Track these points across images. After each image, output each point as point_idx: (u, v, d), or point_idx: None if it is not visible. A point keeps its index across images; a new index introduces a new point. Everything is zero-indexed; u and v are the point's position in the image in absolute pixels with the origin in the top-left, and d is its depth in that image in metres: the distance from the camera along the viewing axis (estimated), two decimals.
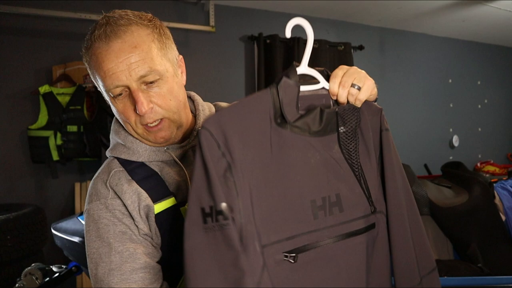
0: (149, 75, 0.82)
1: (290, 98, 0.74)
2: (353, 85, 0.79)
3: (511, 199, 2.07)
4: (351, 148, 0.79)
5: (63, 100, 2.68)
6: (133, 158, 0.91)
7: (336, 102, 0.81)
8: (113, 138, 0.98)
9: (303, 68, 0.79)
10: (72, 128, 2.66)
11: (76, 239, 1.69)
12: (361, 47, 3.88)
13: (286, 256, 0.71)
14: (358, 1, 3.35)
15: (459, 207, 2.00)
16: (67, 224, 1.78)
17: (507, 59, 5.00)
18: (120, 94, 0.84)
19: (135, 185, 0.87)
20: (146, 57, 0.82)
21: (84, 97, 2.72)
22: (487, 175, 4.00)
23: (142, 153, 0.91)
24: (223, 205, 0.66)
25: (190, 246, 0.67)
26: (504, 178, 2.34)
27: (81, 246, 1.66)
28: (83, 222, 1.75)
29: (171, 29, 0.98)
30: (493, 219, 2.01)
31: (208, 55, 3.25)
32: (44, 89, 2.63)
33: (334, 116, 0.77)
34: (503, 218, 2.03)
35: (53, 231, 1.81)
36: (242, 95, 3.43)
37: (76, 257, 1.71)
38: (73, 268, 1.79)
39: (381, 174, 0.83)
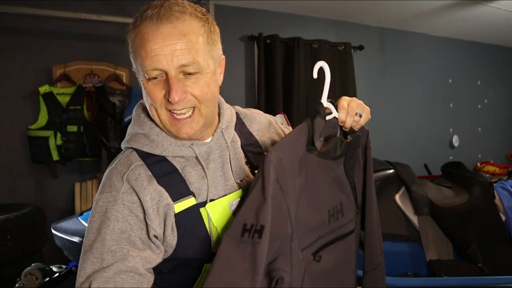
0: (189, 66, 0.82)
1: (319, 129, 0.92)
2: (356, 113, 0.96)
3: (511, 199, 2.07)
4: (349, 166, 0.99)
5: (63, 100, 2.68)
6: (156, 152, 0.88)
7: (341, 127, 0.99)
8: (133, 128, 0.94)
9: (323, 102, 0.96)
10: (72, 128, 2.66)
11: (76, 239, 1.69)
12: (361, 47, 3.88)
13: (314, 257, 0.87)
14: (358, 1, 3.35)
15: (459, 207, 2.00)
16: (67, 224, 1.78)
17: (507, 59, 5.00)
18: (155, 78, 0.83)
19: (155, 183, 0.85)
20: (191, 47, 0.81)
21: (84, 97, 2.72)
22: (487, 175, 4.00)
23: (166, 147, 0.89)
24: (263, 225, 0.75)
25: (221, 251, 0.74)
26: (504, 178, 2.34)
27: (81, 246, 1.66)
28: (83, 222, 1.76)
29: None
30: (493, 219, 2.01)
31: None
32: (44, 89, 2.63)
33: (349, 144, 0.97)
34: (503, 218, 2.03)
35: (53, 231, 1.81)
36: (242, 95, 3.43)
37: (76, 257, 1.71)
38: (73, 268, 1.79)
39: (363, 182, 1.06)
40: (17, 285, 1.69)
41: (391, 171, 2.09)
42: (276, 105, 3.33)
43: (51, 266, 1.80)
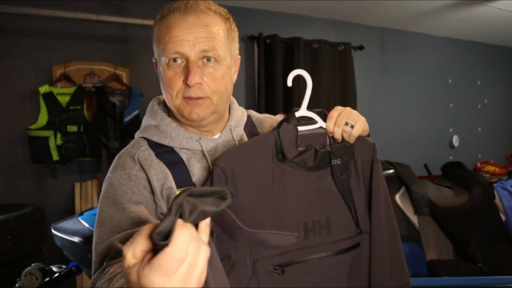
0: (210, 52, 0.88)
1: (290, 139, 0.88)
2: (347, 123, 0.90)
3: (511, 199, 2.07)
4: (343, 179, 0.92)
5: (63, 100, 2.68)
6: (164, 142, 0.94)
7: (333, 138, 0.93)
8: (146, 120, 1.01)
9: (303, 111, 0.92)
10: (72, 128, 2.66)
11: (76, 239, 1.69)
12: (361, 47, 3.88)
13: (276, 269, 0.85)
14: (358, 1, 3.35)
15: (459, 207, 2.00)
16: (67, 224, 1.78)
17: (507, 59, 5.00)
18: (175, 61, 0.88)
19: (163, 165, 0.90)
20: (213, 37, 0.88)
21: (84, 97, 2.72)
22: (487, 175, 4.00)
23: (174, 138, 0.94)
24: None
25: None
26: (504, 178, 2.34)
27: (81, 246, 1.66)
28: (83, 222, 1.75)
29: None
30: (493, 219, 2.01)
31: None
32: (44, 89, 2.63)
33: (327, 154, 0.91)
34: (503, 218, 2.03)
35: (53, 231, 1.81)
36: (242, 94, 3.43)
37: (76, 257, 1.71)
38: (73, 268, 1.79)
39: (369, 199, 0.97)
40: (17, 285, 1.69)
41: (391, 171, 2.09)
42: (276, 105, 3.32)
43: (51, 266, 1.80)
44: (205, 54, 0.87)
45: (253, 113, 1.12)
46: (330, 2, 3.36)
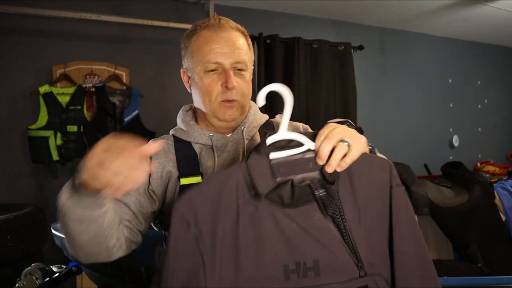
0: (241, 63, 1.05)
1: (262, 170, 0.78)
2: (343, 140, 0.80)
3: (511, 199, 2.07)
4: (335, 213, 0.79)
5: (63, 100, 2.68)
6: (183, 137, 1.10)
7: (321, 167, 0.80)
8: (178, 124, 1.17)
9: (282, 134, 0.81)
10: (72, 128, 2.66)
11: None
12: (361, 47, 3.88)
13: None
14: (358, 1, 3.35)
15: (459, 207, 2.00)
16: None
17: (507, 59, 5.00)
18: (212, 70, 1.04)
19: (172, 155, 1.07)
20: (241, 50, 1.06)
21: (84, 97, 2.72)
22: (487, 175, 4.00)
23: (191, 133, 1.10)
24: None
25: None
26: (504, 178, 2.34)
27: None
28: None
29: (171, 29, 1.00)
30: (493, 219, 2.01)
31: None
32: (44, 89, 2.63)
33: (307, 188, 0.79)
34: (503, 218, 2.03)
35: (53, 231, 1.81)
36: None
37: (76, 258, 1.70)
38: (73, 268, 1.79)
39: (390, 235, 0.81)
40: (17, 285, 1.69)
41: None
42: (276, 105, 3.33)
43: (51, 266, 1.79)
44: (237, 65, 1.05)
45: (277, 120, 1.20)
46: (330, 2, 3.35)
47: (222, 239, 0.77)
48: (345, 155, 0.79)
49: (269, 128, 1.16)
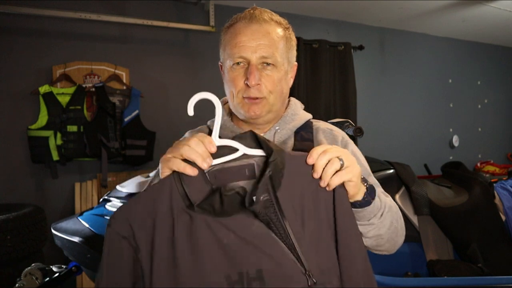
0: (269, 58, 0.98)
1: (195, 179, 0.77)
2: (340, 158, 0.79)
3: (511, 199, 2.07)
4: (275, 220, 0.76)
5: (63, 100, 2.68)
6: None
7: (263, 172, 0.78)
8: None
9: (215, 141, 0.80)
10: (72, 128, 2.66)
11: (76, 239, 1.69)
12: (361, 47, 3.88)
13: None
14: (358, 1, 3.35)
15: (459, 207, 2.00)
16: (67, 224, 1.78)
17: (507, 59, 5.00)
18: (238, 64, 0.99)
19: None
20: (273, 44, 0.99)
21: (84, 97, 2.72)
22: (487, 175, 4.00)
23: (223, 128, 1.07)
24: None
25: None
26: (504, 178, 2.34)
27: (81, 246, 1.66)
28: (84, 222, 1.75)
29: (171, 29, 1.00)
30: (493, 219, 2.01)
31: (208, 55, 3.25)
32: (44, 89, 2.63)
33: (236, 196, 0.76)
34: (503, 218, 2.03)
35: (53, 231, 1.81)
36: None
37: (76, 257, 1.71)
38: (73, 268, 1.79)
39: (336, 239, 0.80)
40: (17, 285, 1.69)
41: (391, 171, 2.09)
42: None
43: (51, 266, 1.80)
44: (265, 60, 0.98)
45: (319, 123, 1.12)
46: (330, 2, 3.35)
47: (159, 252, 0.74)
48: (336, 172, 0.78)
49: (308, 131, 1.08)
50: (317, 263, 0.76)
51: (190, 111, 0.80)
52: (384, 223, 0.93)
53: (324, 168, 0.78)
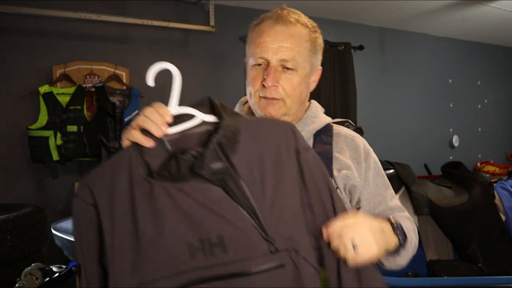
0: (289, 62, 0.97)
1: (154, 148, 0.77)
2: (354, 245, 0.77)
3: (511, 199, 2.07)
4: (232, 186, 0.75)
5: (63, 100, 2.68)
6: None
7: (213, 132, 0.78)
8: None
9: (173, 109, 0.81)
10: (72, 128, 2.66)
11: None
12: (361, 47, 3.88)
13: None
14: (358, 1, 3.35)
15: (459, 207, 2.00)
16: (67, 224, 1.78)
17: (507, 59, 5.00)
18: (259, 64, 1.00)
19: None
20: (295, 48, 0.98)
21: (84, 97, 2.72)
22: (487, 175, 4.00)
23: None
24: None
25: None
26: (504, 178, 2.34)
27: None
28: None
29: (171, 29, 1.00)
30: (493, 219, 2.01)
31: (208, 55, 3.25)
32: (44, 89, 2.63)
33: (192, 160, 0.76)
34: (503, 218, 2.03)
35: (53, 231, 1.81)
36: (242, 95, 3.42)
37: (76, 257, 1.71)
38: (73, 268, 1.79)
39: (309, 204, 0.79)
40: (17, 285, 1.69)
41: (391, 171, 2.09)
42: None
43: (51, 266, 1.80)
44: (284, 63, 0.97)
45: (339, 127, 1.12)
46: (330, 2, 3.35)
47: (119, 222, 0.75)
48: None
49: (328, 134, 1.07)
50: (280, 229, 0.75)
51: (150, 82, 0.83)
52: (408, 254, 0.97)
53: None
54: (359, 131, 1.37)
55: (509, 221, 2.01)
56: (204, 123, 0.80)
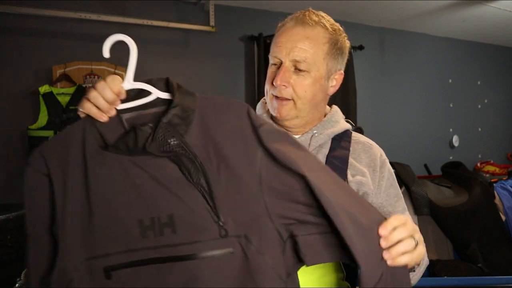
0: (301, 63, 0.98)
1: (111, 120, 0.76)
2: (413, 237, 0.72)
3: (511, 199, 2.07)
4: (187, 165, 0.71)
5: (63, 100, 2.68)
6: None
7: (165, 110, 0.75)
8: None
9: (128, 84, 0.79)
10: None
11: None
12: (361, 47, 3.88)
13: (106, 271, 0.72)
14: (358, 1, 3.35)
15: (459, 207, 2.00)
16: None
17: (507, 59, 5.00)
18: (274, 64, 1.02)
19: None
20: (309, 49, 0.98)
21: None
22: (487, 175, 4.00)
23: None
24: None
25: None
26: (504, 178, 2.34)
27: None
28: None
29: (171, 29, 1.00)
30: (493, 219, 2.01)
31: (208, 55, 3.25)
32: (44, 89, 2.63)
33: (149, 133, 0.72)
34: (503, 218, 2.03)
35: None
36: (242, 95, 3.43)
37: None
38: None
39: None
40: (17, 285, 1.69)
41: None
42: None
43: None
44: (297, 64, 0.98)
45: (358, 135, 1.13)
46: (330, 2, 3.35)
47: (72, 194, 0.73)
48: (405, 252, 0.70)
49: (346, 140, 1.07)
50: (233, 214, 0.71)
51: (106, 54, 0.82)
52: (420, 274, 0.99)
53: (395, 245, 0.69)
54: (359, 131, 1.37)
55: (509, 221, 2.01)
56: (160, 101, 0.78)
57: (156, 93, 0.78)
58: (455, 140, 4.56)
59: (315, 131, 1.06)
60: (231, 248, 0.70)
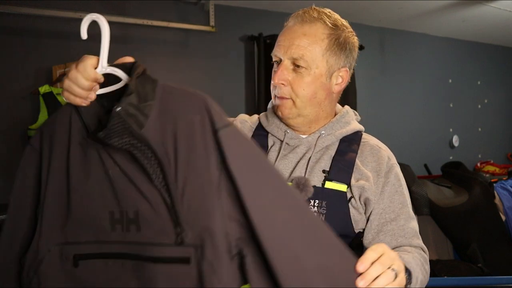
0: (299, 60, 0.97)
1: (91, 107, 0.74)
2: (392, 268, 0.70)
3: (511, 199, 2.07)
4: (143, 161, 0.67)
5: (63, 100, 2.68)
6: (264, 125, 1.10)
7: (121, 93, 0.70)
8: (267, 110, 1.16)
9: (101, 68, 0.77)
10: None
11: None
12: (361, 47, 3.84)
13: (75, 259, 0.71)
14: (358, 1, 3.35)
15: (459, 207, 2.00)
16: None
17: (507, 59, 5.00)
18: (275, 62, 1.02)
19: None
20: (306, 46, 0.96)
21: None
22: (487, 175, 4.00)
23: (270, 123, 1.09)
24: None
25: None
26: (504, 178, 2.34)
27: None
28: None
29: (171, 29, 1.00)
30: (493, 219, 2.01)
31: (208, 55, 3.24)
32: (44, 89, 2.63)
33: (119, 118, 0.66)
34: (503, 218, 2.03)
35: None
36: (242, 95, 3.43)
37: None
38: None
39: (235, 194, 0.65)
40: None
41: None
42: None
43: None
44: (295, 62, 0.97)
45: (369, 137, 1.12)
46: (330, 2, 3.34)
47: (55, 175, 0.75)
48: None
49: (355, 142, 1.05)
50: (191, 219, 0.65)
51: (82, 35, 0.79)
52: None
53: (375, 280, 0.66)
54: None
55: (509, 221, 2.01)
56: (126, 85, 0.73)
57: (124, 79, 0.76)
58: (455, 140, 4.56)
59: (322, 132, 1.04)
60: (188, 257, 0.64)
